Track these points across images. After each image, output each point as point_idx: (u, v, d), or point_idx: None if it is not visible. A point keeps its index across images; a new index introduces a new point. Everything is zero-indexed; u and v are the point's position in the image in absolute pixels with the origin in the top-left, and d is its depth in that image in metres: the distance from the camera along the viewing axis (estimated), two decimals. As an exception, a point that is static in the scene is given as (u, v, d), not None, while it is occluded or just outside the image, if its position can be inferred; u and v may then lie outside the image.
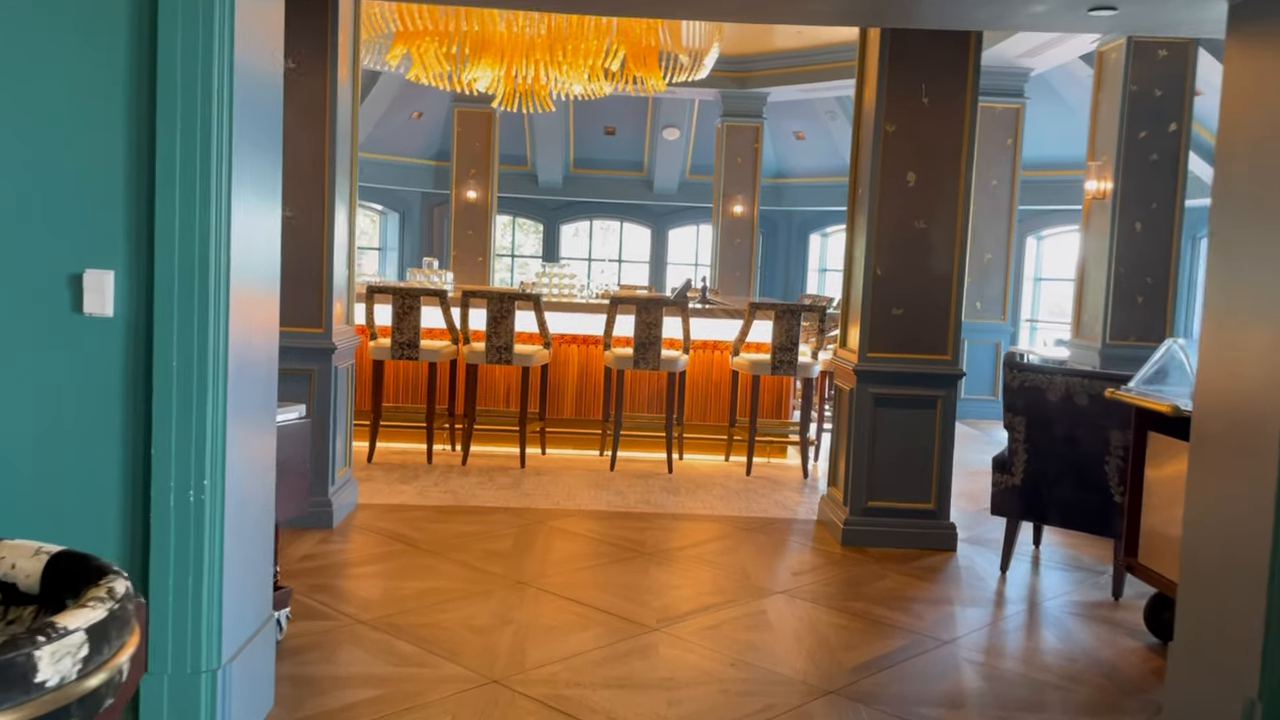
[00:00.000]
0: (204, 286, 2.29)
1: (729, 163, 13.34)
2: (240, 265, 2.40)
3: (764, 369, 6.52)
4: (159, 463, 2.29)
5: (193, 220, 2.27)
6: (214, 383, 2.30)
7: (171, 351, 2.28)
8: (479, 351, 6.46)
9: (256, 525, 2.63)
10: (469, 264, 13.26)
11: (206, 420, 2.30)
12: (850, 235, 5.21)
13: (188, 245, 2.28)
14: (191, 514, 2.31)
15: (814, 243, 17.31)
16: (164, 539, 2.30)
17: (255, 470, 2.60)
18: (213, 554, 2.33)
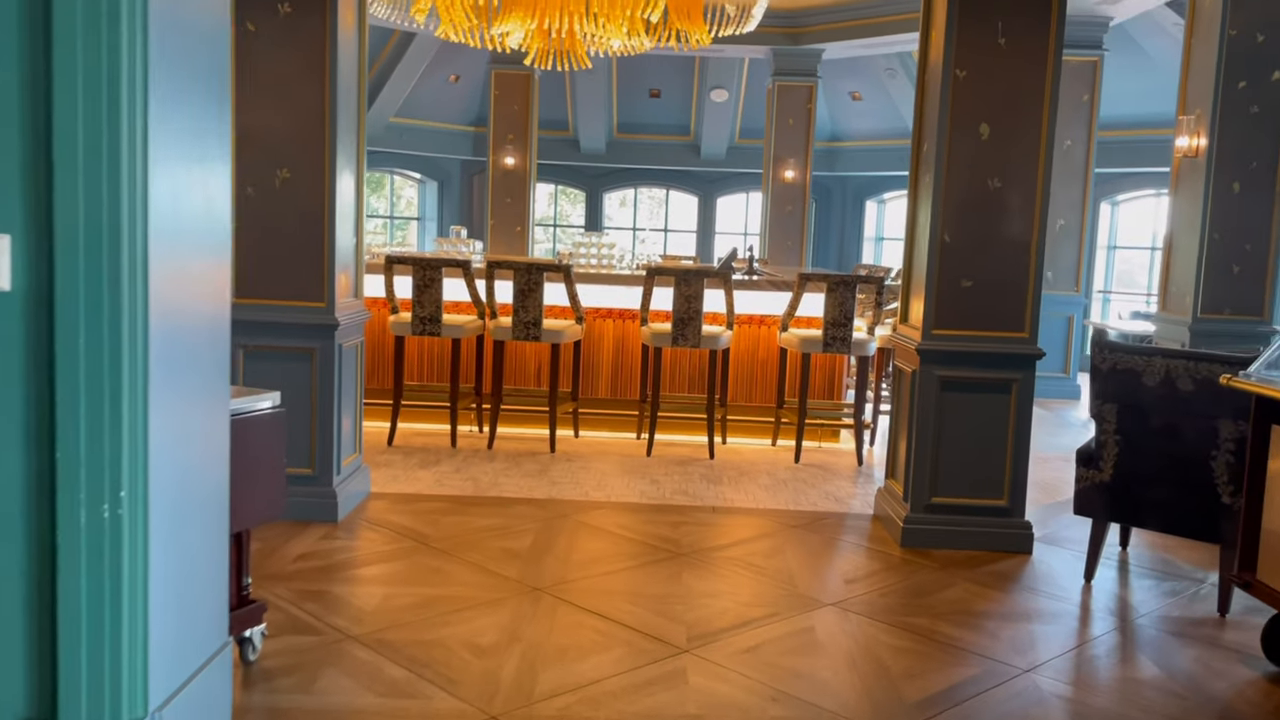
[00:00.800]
0: (115, 253, 1.87)
1: (780, 125, 12.72)
2: (165, 230, 1.98)
3: (815, 346, 6.01)
4: (65, 470, 1.89)
5: (99, 176, 1.85)
6: (131, 368, 1.89)
7: (78, 330, 1.87)
8: (506, 327, 6.04)
9: (203, 538, 2.23)
10: (507, 234, 12.86)
11: (123, 415, 1.90)
12: (913, 198, 4.66)
13: (94, 206, 1.86)
14: (106, 532, 1.91)
15: (870, 210, 16.59)
16: (73, 564, 1.91)
17: (198, 472, 2.20)
18: (135, 580, 1.94)
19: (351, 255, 4.55)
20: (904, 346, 4.58)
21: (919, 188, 4.60)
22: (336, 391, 4.33)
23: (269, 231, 4.22)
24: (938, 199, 4.32)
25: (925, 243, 4.40)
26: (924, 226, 4.45)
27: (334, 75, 4.16)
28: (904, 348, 4.58)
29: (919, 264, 4.51)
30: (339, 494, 4.37)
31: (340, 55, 4.20)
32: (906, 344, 4.52)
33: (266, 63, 4.15)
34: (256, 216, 4.21)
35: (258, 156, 4.18)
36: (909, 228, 4.68)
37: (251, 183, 4.19)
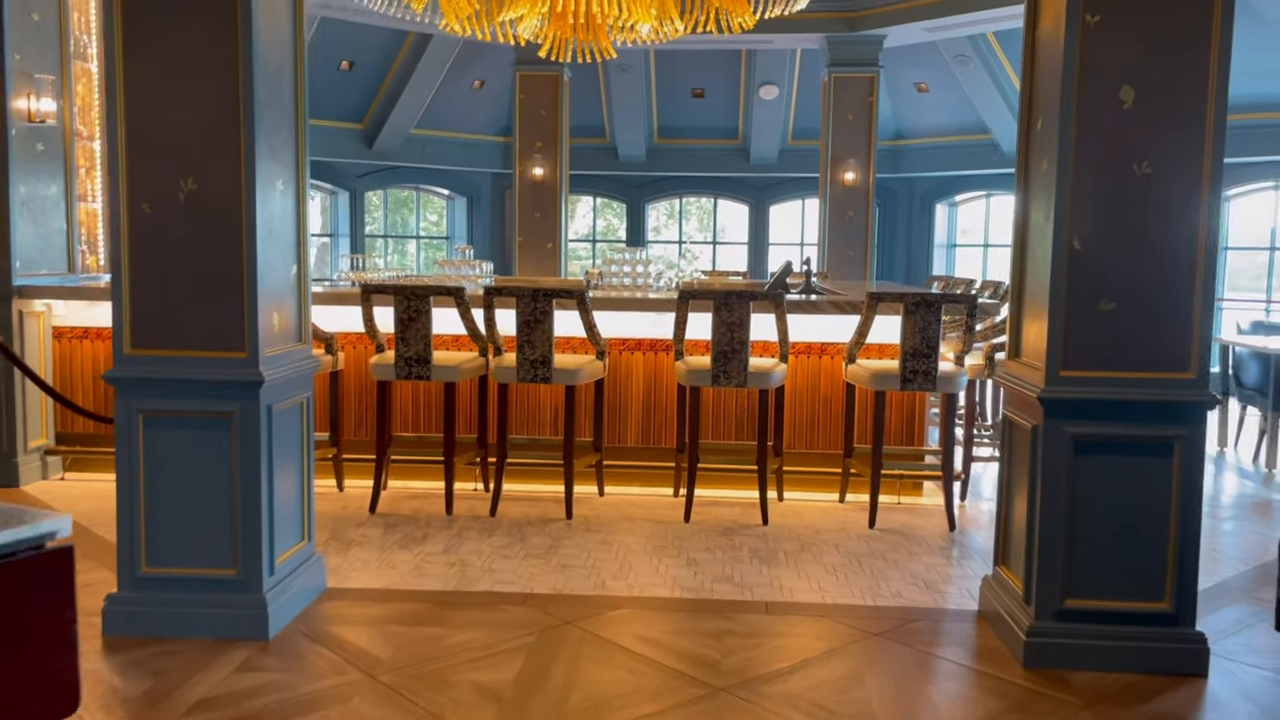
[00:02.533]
0: None
1: (838, 122, 11.66)
2: None
3: (891, 382, 4.94)
4: None
5: None
6: None
7: None
8: (509, 367, 5.08)
9: None
10: (537, 252, 11.97)
11: None
12: (1024, 191, 3.59)
13: None
14: None
15: (940, 214, 15.39)
16: None
17: None
18: None
19: (289, 287, 3.62)
20: (1018, 392, 3.50)
21: (1030, 178, 3.53)
22: (265, 466, 3.39)
23: (172, 261, 3.31)
24: (1062, 192, 3.24)
25: (1045, 251, 3.33)
26: (1041, 230, 3.38)
27: (249, 52, 3.24)
28: (1018, 393, 3.50)
29: (1035, 279, 3.44)
30: (271, 602, 3.43)
31: (259, 24, 3.29)
32: (1022, 389, 3.44)
33: (162, 37, 3.25)
34: (155, 241, 3.31)
35: (155, 163, 3.28)
36: (1018, 231, 3.61)
37: (147, 197, 3.29)
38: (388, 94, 13.27)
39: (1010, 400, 3.61)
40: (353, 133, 13.66)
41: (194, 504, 3.37)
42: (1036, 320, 3.41)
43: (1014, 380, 3.55)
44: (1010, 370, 3.63)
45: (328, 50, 11.96)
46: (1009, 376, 3.61)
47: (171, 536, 3.39)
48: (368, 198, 15.26)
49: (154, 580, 3.41)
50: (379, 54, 12.55)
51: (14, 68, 5.35)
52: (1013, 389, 3.55)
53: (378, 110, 13.49)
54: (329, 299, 5.56)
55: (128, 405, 3.33)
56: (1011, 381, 3.57)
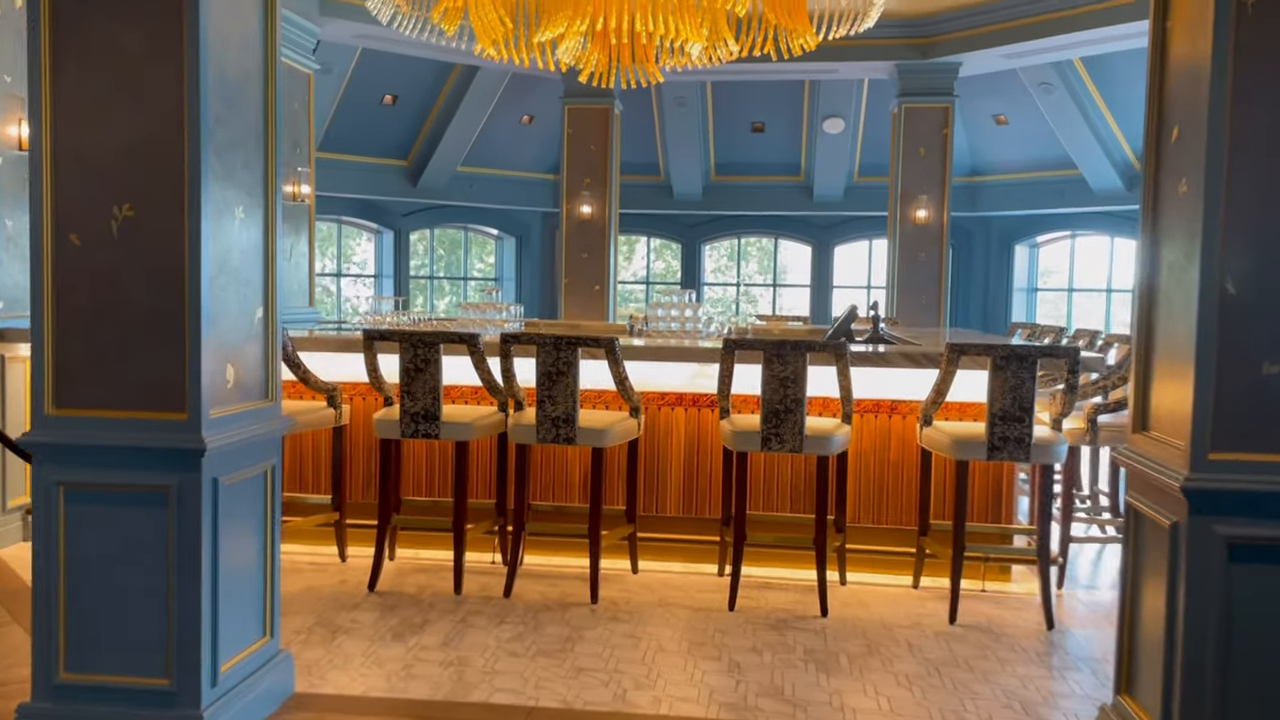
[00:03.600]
0: None
1: (909, 156, 11.01)
2: None
3: (976, 450, 4.23)
4: None
5: None
6: None
7: None
8: (528, 425, 4.50)
9: None
10: (584, 294, 11.47)
11: None
12: (1153, 222, 2.91)
13: None
14: None
15: (1020, 256, 14.55)
16: None
17: None
18: None
19: (251, 334, 3.09)
20: (1149, 476, 2.79)
21: (1162, 206, 2.85)
22: (207, 553, 2.84)
23: (103, 302, 2.80)
24: (1211, 221, 2.56)
25: (1186, 297, 2.64)
26: (1179, 270, 2.70)
27: (196, 54, 2.74)
28: (1149, 478, 2.79)
29: (1171, 333, 2.74)
30: (210, 719, 2.84)
31: (212, 21, 2.79)
32: (1155, 473, 2.74)
33: (98, 38, 2.77)
34: (84, 279, 2.80)
35: (85, 186, 2.79)
36: (1145, 273, 2.92)
37: (76, 227, 2.79)
38: (433, 129, 12.99)
39: (1137, 485, 2.90)
40: (397, 169, 13.39)
41: (123, 598, 2.83)
42: (1174, 385, 2.71)
43: (1142, 460, 2.84)
44: (1137, 447, 2.91)
45: (370, 83, 11.72)
46: (1135, 455, 2.90)
47: (96, 637, 2.85)
48: (413, 237, 14.98)
49: (74, 689, 2.86)
50: (423, 87, 12.29)
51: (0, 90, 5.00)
52: (1140, 471, 2.84)
53: (422, 146, 13.21)
54: (333, 345, 5.06)
55: (45, 476, 2.81)
56: (1138, 462, 2.86)
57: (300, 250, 9.49)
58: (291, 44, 9.18)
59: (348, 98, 11.68)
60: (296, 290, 9.43)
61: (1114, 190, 12.38)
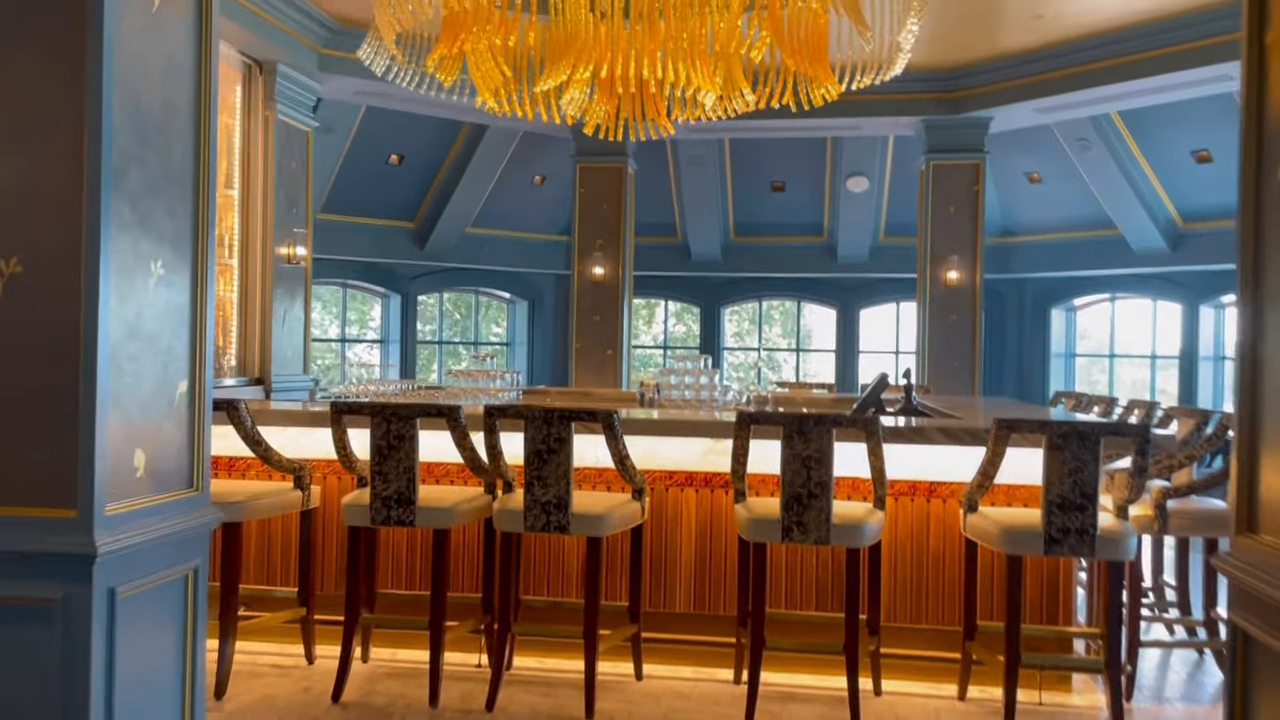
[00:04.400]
0: None
1: (938, 214, 10.61)
2: None
3: (1030, 543, 3.70)
4: None
5: None
6: None
7: None
8: (514, 510, 4.01)
9: None
10: (596, 359, 11.04)
11: None
12: (1254, 280, 2.43)
13: None
14: None
15: (1056, 320, 14.03)
16: None
17: None
18: None
19: (169, 412, 2.64)
20: (1264, 591, 2.26)
21: (1267, 259, 2.37)
22: (99, 681, 2.35)
23: (-16, 373, 2.37)
24: (1336, 273, 2.08)
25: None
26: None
27: (99, 78, 2.34)
28: (1265, 594, 2.26)
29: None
30: None
31: (117, 37, 2.40)
32: (1269, 587, 2.21)
33: (-14, 64, 2.39)
34: (-38, 345, 2.37)
35: (-32, 235, 2.38)
36: (1248, 338, 2.43)
37: (-45, 283, 2.38)
38: (440, 190, 12.76)
39: (1245, 601, 2.37)
40: (403, 231, 13.13)
41: (-6, 734, 2.34)
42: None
43: (1250, 569, 2.31)
44: (1244, 553, 2.39)
45: (375, 143, 11.50)
46: (1241, 564, 2.37)
47: (-39, 781, 2.36)
48: (423, 300, 14.67)
49: (-68, 847, 2.36)
50: (430, 147, 12.07)
51: None
52: (1249, 585, 2.32)
53: (430, 207, 12.97)
54: (302, 420, 4.62)
55: (-93, 584, 2.35)
56: (1246, 572, 2.33)
57: (295, 314, 9.14)
58: (290, 101, 8.95)
59: (352, 157, 11.46)
60: (291, 356, 9.06)
61: (1156, 250, 11.90)
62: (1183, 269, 11.94)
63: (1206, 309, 12.24)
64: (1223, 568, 2.43)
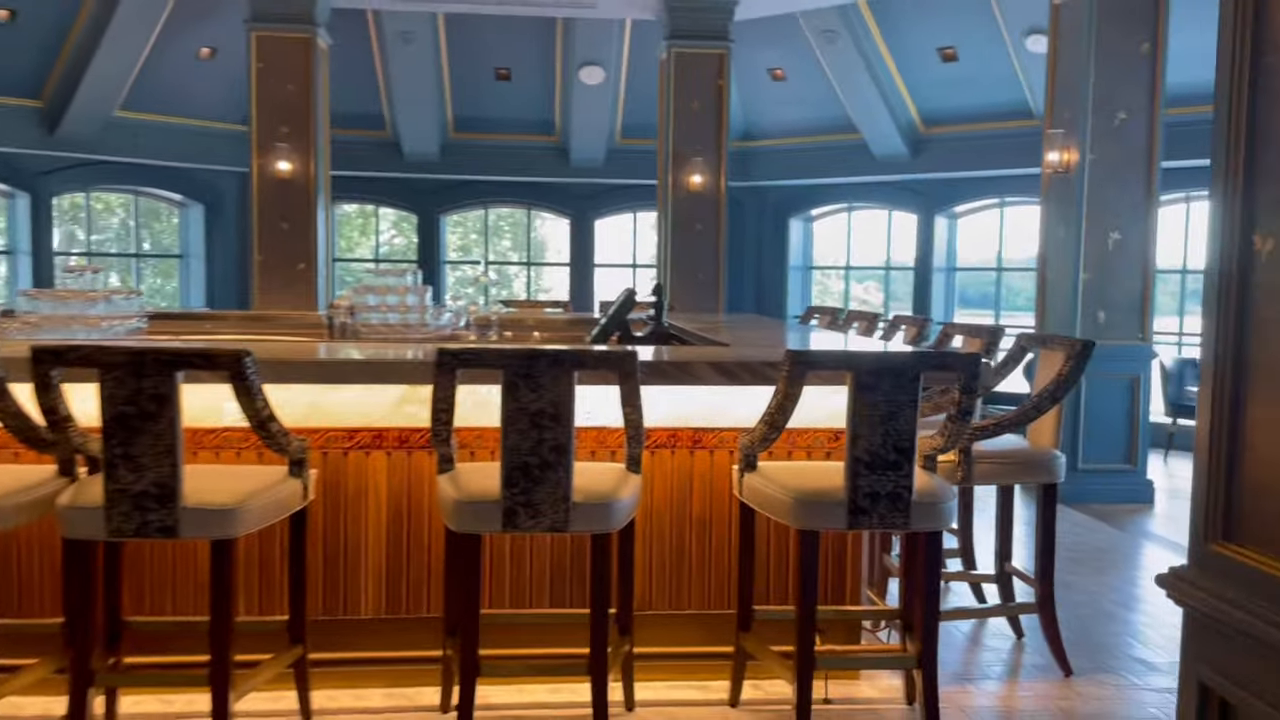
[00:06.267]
0: None
1: (680, 111, 9.80)
2: None
3: (829, 514, 2.87)
4: None
5: None
6: None
7: None
8: (87, 508, 2.68)
9: None
10: (284, 274, 9.40)
11: None
12: (1244, 176, 1.57)
13: None
14: None
15: (795, 232, 13.81)
16: None
17: None
18: None
19: None
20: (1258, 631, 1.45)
21: (1263, 149, 1.52)
22: None
23: None
24: None
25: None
26: None
27: None
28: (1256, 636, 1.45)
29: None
30: None
31: None
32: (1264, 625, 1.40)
33: None
34: None
35: None
36: (1230, 254, 1.59)
37: None
38: (73, 59, 10.38)
39: (1217, 650, 1.56)
40: (26, 112, 10.64)
41: None
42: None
43: (1232, 601, 1.50)
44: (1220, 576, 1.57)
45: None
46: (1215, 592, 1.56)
47: None
48: (58, 202, 12.17)
49: None
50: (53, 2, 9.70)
51: None
52: (1231, 622, 1.50)
53: (61, 82, 10.56)
54: None
55: None
56: (1227, 603, 1.52)
57: None
58: None
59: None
60: None
61: (897, 156, 11.79)
62: (921, 176, 11.93)
63: (941, 219, 12.37)
64: (1184, 599, 1.61)
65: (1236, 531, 1.55)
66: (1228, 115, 1.54)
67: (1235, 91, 1.54)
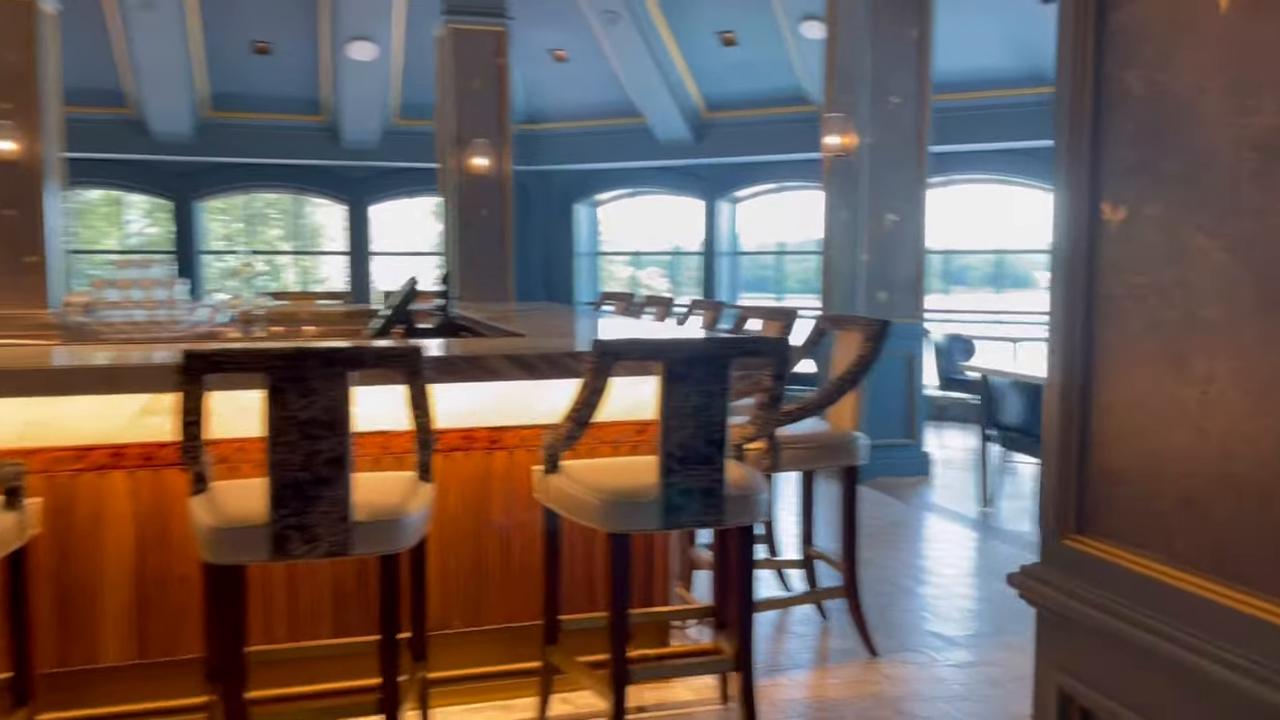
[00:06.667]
0: None
1: (460, 90, 9.40)
2: None
3: (644, 514, 2.67)
4: None
5: None
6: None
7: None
8: None
9: None
10: (9, 268, 8.29)
11: None
12: (1089, 139, 1.46)
13: None
14: None
15: (581, 218, 13.67)
16: None
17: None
18: None
19: None
20: (1119, 632, 1.34)
21: (1110, 109, 1.41)
22: None
23: None
24: None
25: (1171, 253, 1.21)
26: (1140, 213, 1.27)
27: None
28: (1113, 636, 1.35)
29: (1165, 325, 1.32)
30: None
31: None
32: (1135, 626, 1.30)
33: None
34: None
35: None
36: (1074, 224, 1.48)
37: None
38: None
39: (1074, 652, 1.46)
40: None
41: None
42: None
43: (1092, 596, 1.40)
44: (1073, 571, 1.47)
45: None
46: (1066, 587, 1.45)
47: None
48: None
49: None
50: None
51: None
52: (1088, 621, 1.40)
53: None
54: None
55: None
56: (1081, 600, 1.41)
57: None
58: None
59: None
60: None
61: (680, 141, 11.84)
62: (704, 161, 12.04)
63: (724, 203, 12.55)
64: (1036, 599, 1.50)
65: (1090, 523, 1.45)
66: (1072, 77, 1.43)
67: (1079, 52, 1.43)
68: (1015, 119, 9.88)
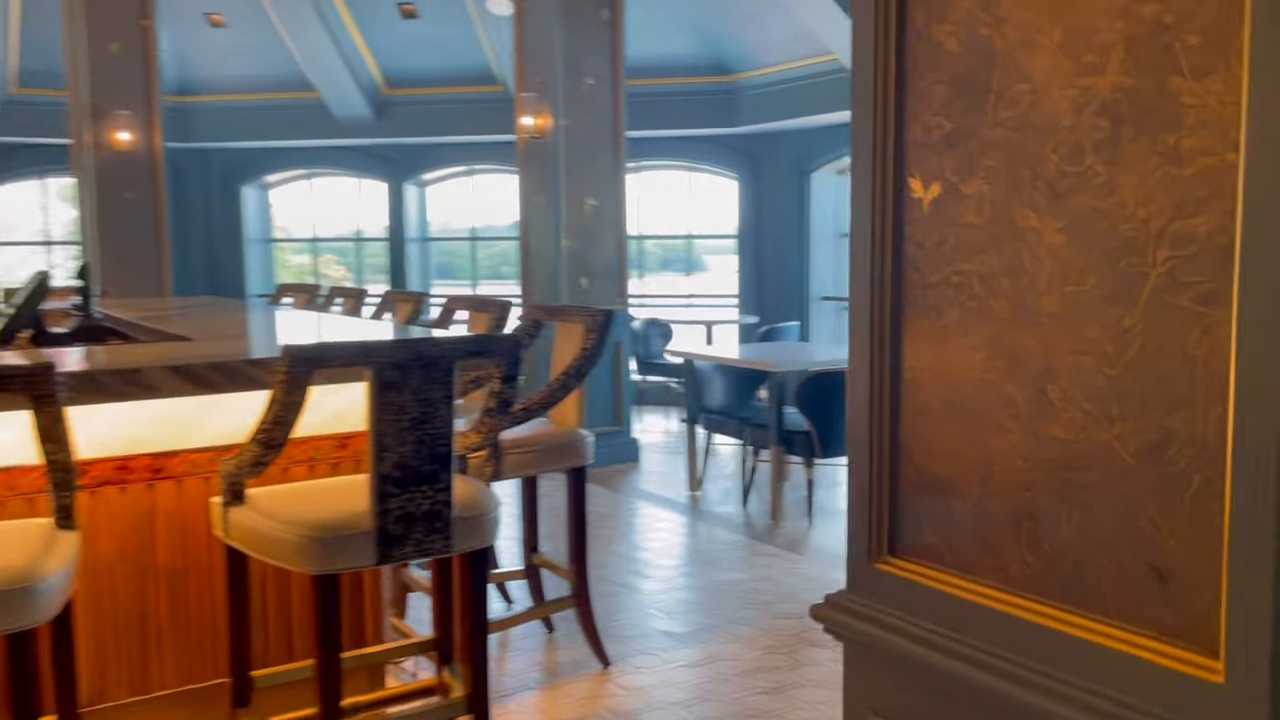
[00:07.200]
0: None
1: (96, 54, 8.25)
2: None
3: (356, 549, 2.28)
4: None
5: None
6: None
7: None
8: None
9: None
10: None
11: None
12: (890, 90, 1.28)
13: None
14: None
15: (250, 201, 12.55)
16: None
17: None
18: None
19: None
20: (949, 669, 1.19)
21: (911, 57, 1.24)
22: None
23: None
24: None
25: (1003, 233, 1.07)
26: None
27: None
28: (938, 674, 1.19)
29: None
30: None
31: None
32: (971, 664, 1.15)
33: None
34: None
35: None
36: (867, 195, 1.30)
37: None
38: None
39: (876, 683, 1.29)
40: None
41: None
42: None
43: (899, 635, 1.23)
44: (884, 600, 1.30)
45: None
46: (876, 628, 1.28)
47: None
48: None
49: None
50: None
51: None
52: (899, 651, 1.24)
53: None
54: None
55: None
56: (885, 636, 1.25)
57: None
58: None
59: None
60: None
61: (360, 120, 11.11)
62: (387, 141, 11.40)
63: (410, 186, 11.98)
64: (844, 633, 1.31)
65: (905, 544, 1.29)
66: (873, 32, 1.25)
67: (880, 2, 1.24)
68: (699, 106, 10.15)
